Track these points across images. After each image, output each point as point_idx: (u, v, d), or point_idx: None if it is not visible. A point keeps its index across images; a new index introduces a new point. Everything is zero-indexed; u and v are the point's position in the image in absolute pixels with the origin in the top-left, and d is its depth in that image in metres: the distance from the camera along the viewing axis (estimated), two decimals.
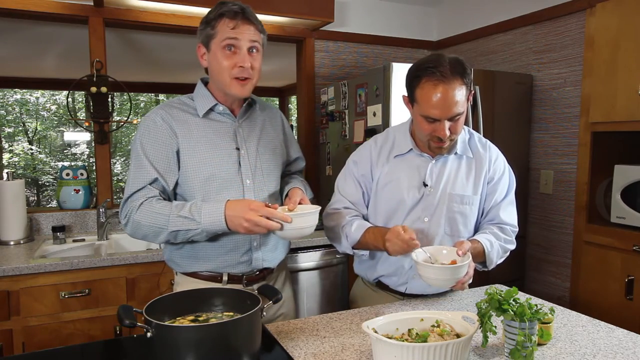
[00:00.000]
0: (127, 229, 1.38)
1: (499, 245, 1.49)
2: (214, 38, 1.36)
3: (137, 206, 1.34)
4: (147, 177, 1.36)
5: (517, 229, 1.57)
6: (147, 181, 1.36)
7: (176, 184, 1.42)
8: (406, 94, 1.47)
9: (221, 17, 1.35)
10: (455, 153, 1.52)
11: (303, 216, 1.31)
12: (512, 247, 1.54)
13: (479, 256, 1.46)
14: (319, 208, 1.36)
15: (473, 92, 1.47)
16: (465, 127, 1.57)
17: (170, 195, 1.42)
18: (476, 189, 1.52)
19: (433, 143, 1.44)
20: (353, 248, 1.52)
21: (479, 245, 1.44)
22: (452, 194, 1.49)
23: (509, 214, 1.56)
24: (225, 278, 1.45)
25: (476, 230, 1.57)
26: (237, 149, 1.45)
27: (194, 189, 1.40)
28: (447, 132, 1.38)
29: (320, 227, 2.93)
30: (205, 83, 1.49)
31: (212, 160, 1.41)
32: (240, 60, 1.35)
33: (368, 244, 1.48)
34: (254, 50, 1.39)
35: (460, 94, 1.35)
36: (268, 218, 1.26)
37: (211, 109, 1.45)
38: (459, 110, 1.36)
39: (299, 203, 1.41)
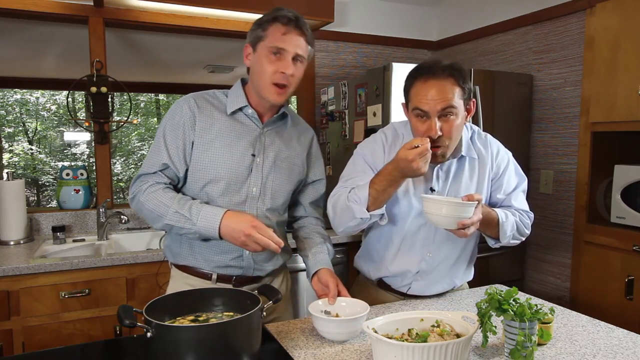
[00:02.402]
0: (132, 205, 1.42)
1: (514, 220, 1.47)
2: (263, 41, 1.36)
3: (145, 188, 1.38)
4: (159, 161, 1.40)
5: (532, 215, 1.56)
6: (159, 166, 1.40)
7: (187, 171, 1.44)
8: (404, 101, 1.47)
9: (274, 21, 1.36)
10: (461, 156, 1.50)
11: (353, 321, 1.24)
12: (528, 231, 1.53)
13: (493, 225, 1.42)
14: (367, 310, 1.28)
15: (474, 101, 1.43)
16: (466, 124, 1.54)
17: (182, 179, 1.44)
18: (480, 189, 1.52)
19: None
20: (368, 210, 1.39)
21: (493, 212, 1.42)
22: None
23: (521, 202, 1.56)
24: (214, 277, 1.46)
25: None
26: (253, 155, 1.44)
27: (199, 183, 1.41)
28: (438, 132, 1.34)
29: None
30: (244, 84, 1.49)
31: (223, 160, 1.41)
32: (283, 67, 1.35)
33: (380, 192, 1.36)
34: (298, 61, 1.39)
35: (452, 93, 1.34)
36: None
37: (240, 109, 1.45)
38: (450, 105, 1.34)
39: (339, 295, 1.39)
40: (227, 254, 1.44)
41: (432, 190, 1.49)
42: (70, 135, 11.36)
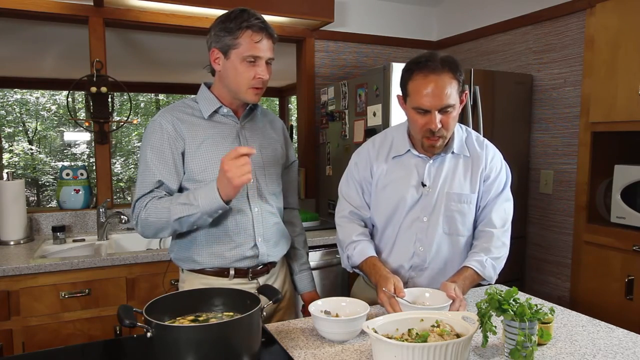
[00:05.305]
0: (138, 228, 1.43)
1: (491, 261, 1.48)
2: (236, 48, 1.40)
3: (144, 206, 1.40)
4: (152, 180, 1.42)
5: (507, 228, 1.55)
6: (154, 185, 1.42)
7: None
8: (400, 94, 1.50)
9: (246, 29, 1.39)
10: (452, 152, 1.53)
11: (353, 321, 1.25)
12: (505, 250, 1.53)
13: (477, 280, 1.48)
14: (367, 310, 1.28)
15: (466, 92, 1.47)
16: (463, 126, 1.59)
17: (176, 192, 1.46)
18: (473, 187, 1.53)
19: (426, 140, 1.45)
20: (353, 268, 1.58)
21: (470, 271, 1.46)
22: (450, 193, 1.50)
23: (502, 212, 1.54)
24: (232, 272, 1.49)
25: (474, 228, 1.57)
26: None
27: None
28: (438, 125, 1.39)
29: (319, 227, 2.91)
30: (208, 86, 1.53)
31: (217, 160, 1.43)
32: (261, 73, 1.43)
33: (365, 273, 1.54)
34: (270, 63, 1.46)
35: (451, 87, 1.38)
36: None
37: (215, 111, 1.49)
38: (450, 102, 1.38)
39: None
40: (242, 247, 1.48)
41: (423, 185, 1.51)
42: (70, 135, 11.38)
